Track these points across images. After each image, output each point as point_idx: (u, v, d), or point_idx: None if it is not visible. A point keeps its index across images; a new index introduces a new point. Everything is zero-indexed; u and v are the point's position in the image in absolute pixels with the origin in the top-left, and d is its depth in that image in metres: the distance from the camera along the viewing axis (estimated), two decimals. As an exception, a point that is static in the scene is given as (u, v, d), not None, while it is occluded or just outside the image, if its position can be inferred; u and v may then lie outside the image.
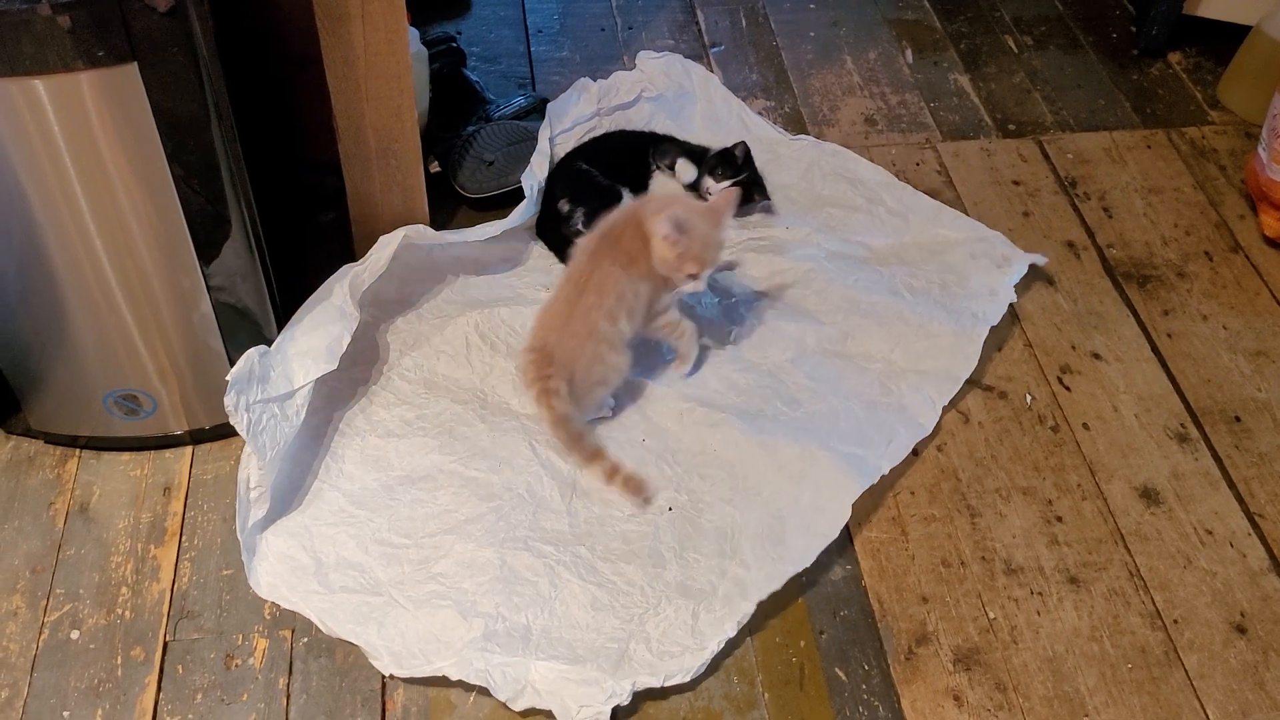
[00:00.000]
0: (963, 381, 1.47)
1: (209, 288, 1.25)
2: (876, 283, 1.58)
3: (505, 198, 1.66)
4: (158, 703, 1.16)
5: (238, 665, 1.19)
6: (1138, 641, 1.24)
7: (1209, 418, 1.47)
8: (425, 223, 1.53)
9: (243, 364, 1.24)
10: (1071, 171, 1.84)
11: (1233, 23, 2.02)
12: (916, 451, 1.41)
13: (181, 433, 1.37)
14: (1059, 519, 1.35)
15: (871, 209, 1.71)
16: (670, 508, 1.31)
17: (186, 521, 1.31)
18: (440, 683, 1.16)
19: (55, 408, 1.34)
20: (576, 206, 1.58)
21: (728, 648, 1.20)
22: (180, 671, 1.18)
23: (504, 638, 1.18)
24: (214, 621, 1.22)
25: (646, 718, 1.16)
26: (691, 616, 1.21)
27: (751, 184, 1.66)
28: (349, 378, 1.43)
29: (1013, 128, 1.93)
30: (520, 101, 1.84)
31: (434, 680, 1.17)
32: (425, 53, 1.73)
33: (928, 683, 1.20)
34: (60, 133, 1.08)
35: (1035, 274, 1.64)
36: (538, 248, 1.64)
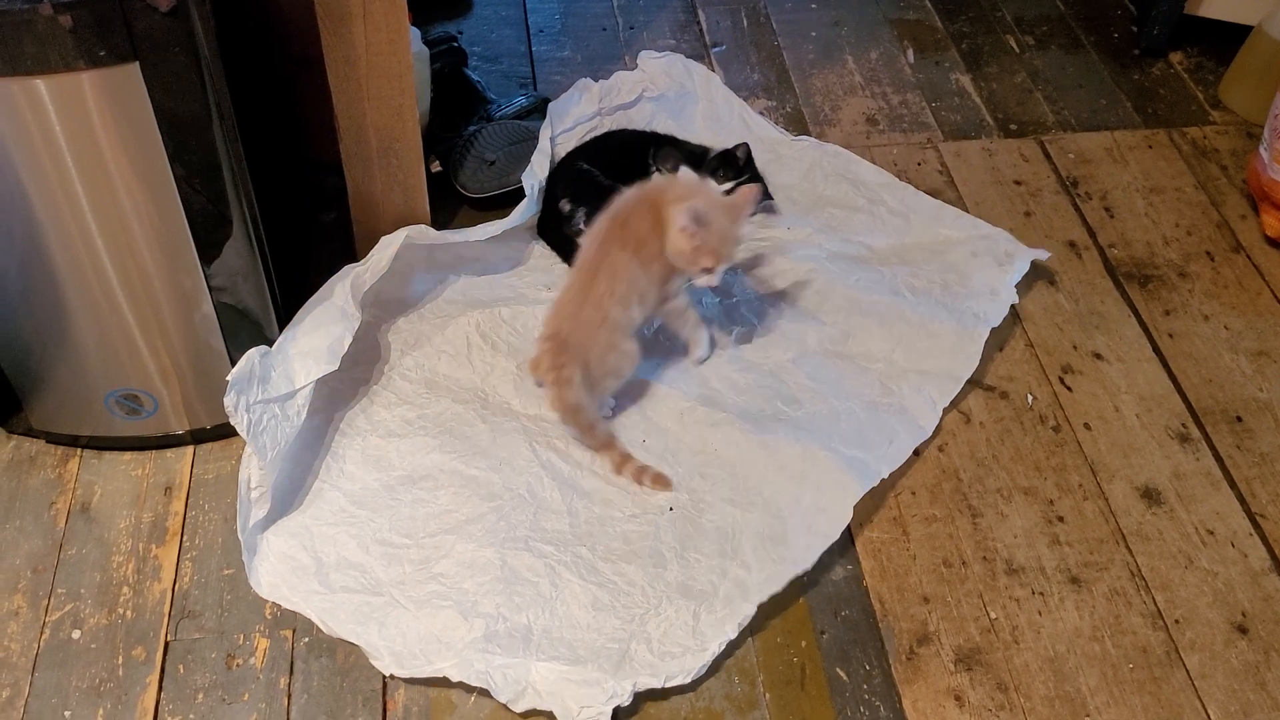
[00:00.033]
0: (964, 382, 1.47)
1: (210, 287, 1.25)
2: (878, 283, 1.58)
3: (506, 197, 1.66)
4: (159, 702, 1.16)
5: (239, 665, 1.19)
6: (1139, 641, 1.24)
7: (1210, 418, 1.47)
8: (426, 222, 1.53)
9: (243, 364, 1.24)
10: (1073, 171, 1.84)
11: (1234, 23, 2.02)
12: (918, 451, 1.41)
13: (183, 432, 1.37)
14: (1060, 519, 1.35)
15: (873, 209, 1.71)
16: (671, 507, 1.31)
17: (188, 521, 1.31)
18: (441, 683, 1.16)
19: (57, 407, 1.34)
20: (578, 206, 1.58)
21: (729, 648, 1.20)
22: (181, 671, 1.18)
23: (505, 638, 1.18)
24: (215, 621, 1.22)
25: (648, 718, 1.16)
26: (692, 617, 1.21)
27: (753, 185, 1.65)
28: (350, 377, 1.43)
29: (1014, 127, 1.93)
30: (521, 101, 1.84)
31: (435, 680, 1.17)
32: (426, 52, 1.73)
33: (929, 683, 1.20)
34: (62, 132, 1.08)
35: (1037, 274, 1.64)
36: (539, 247, 1.64)
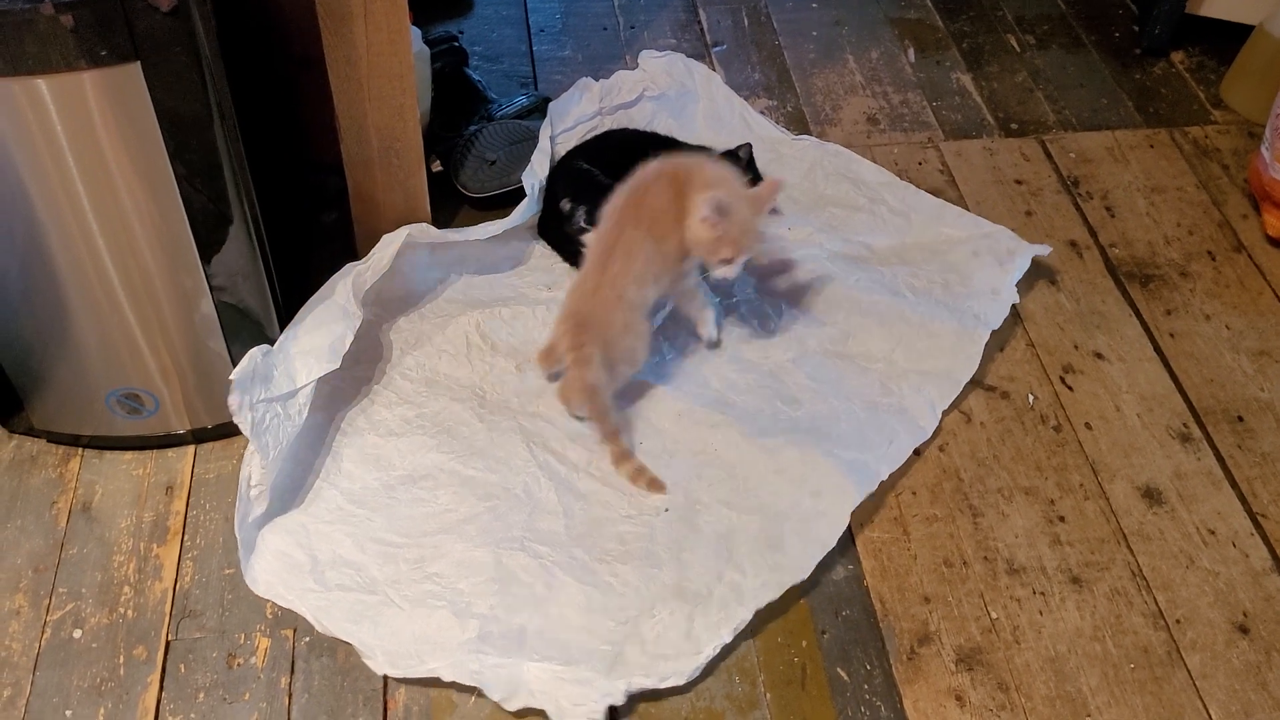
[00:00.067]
0: (963, 384, 1.47)
1: (211, 287, 1.25)
2: (878, 283, 1.58)
3: (507, 197, 1.66)
4: (160, 702, 1.16)
5: (240, 664, 1.19)
6: (1140, 641, 1.24)
7: (1211, 417, 1.47)
8: (427, 222, 1.53)
9: (246, 363, 1.24)
10: (1074, 171, 1.84)
11: (1235, 22, 2.02)
12: (919, 451, 1.41)
13: (184, 432, 1.38)
14: (1061, 519, 1.35)
15: (874, 209, 1.70)
16: (667, 509, 1.31)
17: (189, 521, 1.31)
18: (441, 682, 1.16)
19: (58, 407, 1.34)
20: (578, 205, 1.58)
21: (730, 648, 1.20)
22: (182, 671, 1.18)
23: (498, 639, 1.17)
24: (216, 621, 1.22)
25: (648, 717, 1.16)
26: (687, 620, 1.20)
27: (754, 185, 1.65)
28: (351, 376, 1.43)
29: (1015, 127, 1.93)
30: (522, 101, 1.84)
31: (436, 680, 1.17)
32: (427, 52, 1.73)
33: (930, 683, 1.20)
34: (63, 132, 1.08)
35: (1038, 274, 1.64)
36: (540, 247, 1.64)
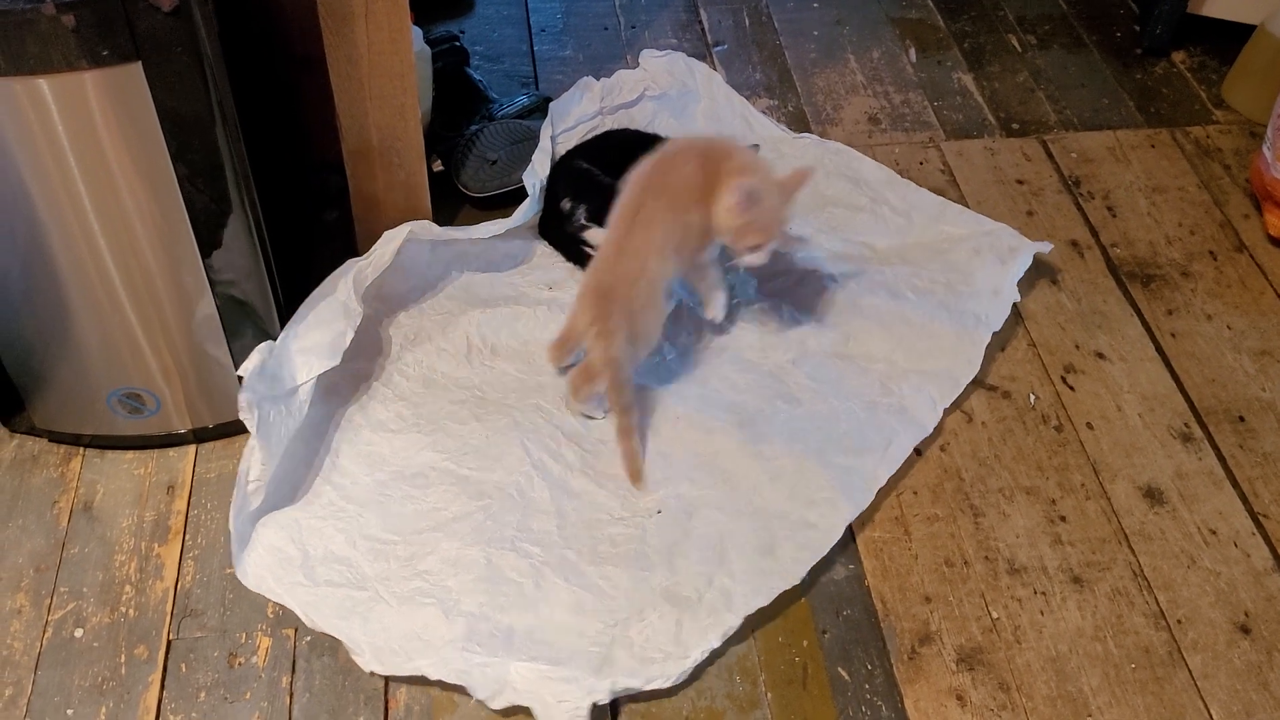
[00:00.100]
0: (964, 384, 1.47)
1: (213, 287, 1.25)
2: (879, 284, 1.58)
3: (508, 196, 1.66)
4: (161, 701, 1.16)
5: (241, 664, 1.19)
6: (1141, 641, 1.24)
7: (1213, 417, 1.47)
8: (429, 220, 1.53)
9: (255, 357, 1.24)
10: (1075, 171, 1.84)
11: (1237, 22, 2.02)
12: (920, 451, 1.41)
13: (185, 431, 1.38)
14: (1062, 519, 1.35)
15: (875, 208, 1.70)
16: (659, 510, 1.30)
17: (190, 520, 1.31)
18: (443, 682, 1.16)
19: (59, 406, 1.34)
20: (579, 204, 1.58)
21: (731, 647, 1.20)
22: (184, 670, 1.18)
23: (486, 638, 1.17)
24: (217, 620, 1.22)
25: (649, 716, 1.16)
26: (675, 624, 1.19)
27: None
28: (349, 371, 1.42)
29: (1016, 127, 1.93)
30: (523, 100, 1.84)
31: (427, 678, 1.16)
32: (428, 51, 1.73)
33: (931, 682, 1.19)
34: (64, 132, 1.08)
35: (1039, 273, 1.64)
36: (541, 246, 1.64)
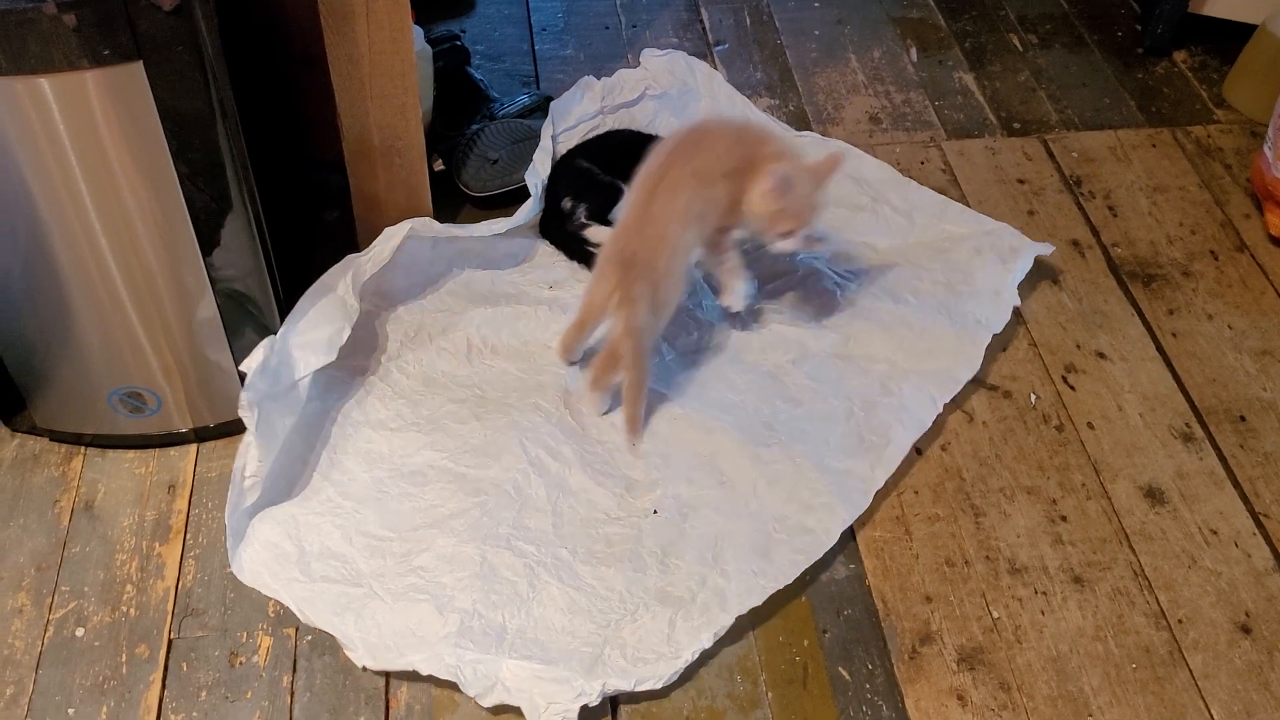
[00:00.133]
0: (964, 383, 1.46)
1: (214, 286, 1.25)
2: (880, 286, 1.58)
3: (509, 196, 1.66)
4: (162, 700, 1.16)
5: (242, 663, 1.19)
6: (1142, 641, 1.24)
7: (1214, 417, 1.47)
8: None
9: (258, 354, 1.25)
10: (1076, 170, 1.84)
11: (1238, 21, 2.01)
12: (920, 451, 1.41)
13: (186, 430, 1.38)
14: (1063, 518, 1.35)
15: (876, 208, 1.70)
16: (655, 510, 1.30)
17: (191, 519, 1.31)
18: (442, 680, 1.16)
19: (60, 406, 1.35)
20: (579, 203, 1.58)
21: (732, 647, 1.21)
22: (185, 669, 1.18)
23: (478, 635, 1.17)
24: (218, 619, 1.22)
25: (649, 716, 1.16)
26: (668, 625, 1.19)
27: None
28: (348, 367, 1.43)
29: (1017, 126, 1.93)
30: (524, 99, 1.84)
31: (432, 676, 1.16)
32: (429, 51, 1.73)
33: (931, 682, 1.20)
34: (65, 131, 1.08)
35: (1040, 274, 1.64)
36: (542, 245, 1.64)
